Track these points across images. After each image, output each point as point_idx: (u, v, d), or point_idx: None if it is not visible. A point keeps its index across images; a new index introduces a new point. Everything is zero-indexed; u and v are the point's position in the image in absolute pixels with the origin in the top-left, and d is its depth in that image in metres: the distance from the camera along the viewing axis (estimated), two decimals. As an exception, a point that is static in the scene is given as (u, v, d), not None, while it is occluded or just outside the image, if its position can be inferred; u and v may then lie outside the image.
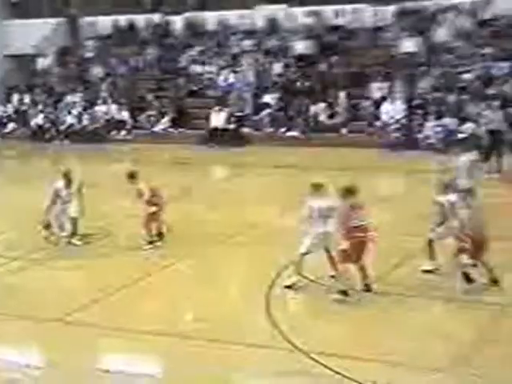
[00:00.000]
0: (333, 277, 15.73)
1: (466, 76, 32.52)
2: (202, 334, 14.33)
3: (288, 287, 16.00)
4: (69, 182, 19.20)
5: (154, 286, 17.19)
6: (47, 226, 19.39)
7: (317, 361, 12.77)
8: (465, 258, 15.74)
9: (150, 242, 18.95)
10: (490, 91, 31.51)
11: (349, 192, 15.56)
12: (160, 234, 19.21)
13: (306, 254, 15.85)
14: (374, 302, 15.38)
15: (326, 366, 12.55)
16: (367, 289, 15.60)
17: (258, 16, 38.07)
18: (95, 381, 12.74)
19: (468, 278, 15.46)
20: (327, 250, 15.77)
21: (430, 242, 16.52)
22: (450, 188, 16.62)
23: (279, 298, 15.73)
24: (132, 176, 18.91)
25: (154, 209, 18.68)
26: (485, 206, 16.60)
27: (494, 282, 15.60)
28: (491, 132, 28.24)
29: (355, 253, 15.39)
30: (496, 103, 29.71)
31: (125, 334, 14.43)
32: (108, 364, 13.61)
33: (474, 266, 15.85)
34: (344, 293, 15.15)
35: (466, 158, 20.84)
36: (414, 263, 17.02)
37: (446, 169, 20.79)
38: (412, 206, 21.37)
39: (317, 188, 16.09)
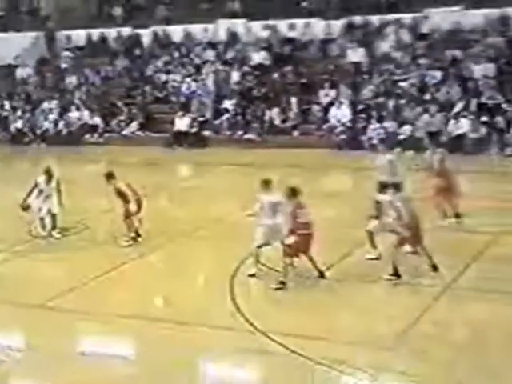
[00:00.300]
0: (291, 265, 15.96)
1: (404, 83, 32.75)
2: (170, 317, 14.62)
3: (251, 275, 16.24)
4: (49, 177, 19.33)
5: (127, 275, 17.34)
6: (26, 208, 19.49)
7: (274, 340, 13.04)
8: (407, 248, 16.16)
9: (133, 238, 18.93)
10: (425, 97, 31.90)
11: (293, 192, 15.76)
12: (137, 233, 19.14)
13: (261, 246, 16.13)
14: (326, 286, 15.68)
15: (282, 345, 12.84)
16: (321, 275, 15.94)
17: (220, 29, 38.03)
18: (72, 362, 12.82)
19: (397, 273, 15.71)
20: (282, 243, 15.89)
21: (370, 234, 16.82)
22: (388, 187, 16.86)
23: (241, 286, 15.90)
24: (109, 176, 18.89)
25: (135, 207, 18.64)
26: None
27: (434, 267, 15.98)
28: (430, 134, 28.67)
29: (303, 246, 15.67)
30: (434, 108, 30.23)
31: (100, 318, 14.63)
32: (84, 346, 13.82)
33: (415, 253, 16.26)
34: (282, 283, 15.51)
35: (388, 156, 20.89)
36: (360, 252, 17.22)
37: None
38: (357, 200, 21.33)
39: (266, 184, 16.33)
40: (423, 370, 12.00)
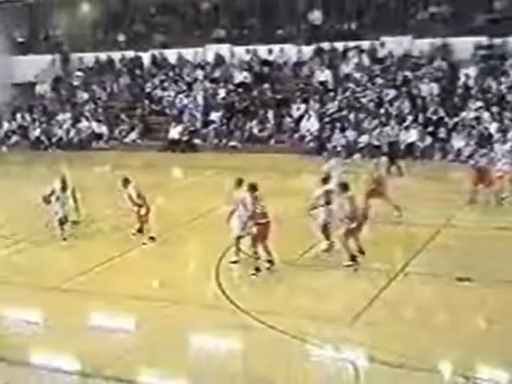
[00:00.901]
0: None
1: (363, 100, 32.78)
2: (166, 297, 14.71)
3: (233, 262, 16.27)
4: (64, 186, 18.91)
5: (129, 261, 17.39)
6: (48, 202, 18.95)
7: (253, 317, 13.18)
8: (350, 241, 16.07)
9: (151, 238, 18.52)
10: (381, 111, 31.97)
11: (253, 187, 15.79)
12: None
13: (239, 237, 16.12)
14: (297, 272, 15.70)
15: (261, 321, 13.00)
16: (271, 263, 15.81)
17: (208, 53, 37.93)
18: (82, 334, 12.91)
19: (354, 259, 15.83)
20: (248, 234, 15.90)
21: (324, 226, 16.81)
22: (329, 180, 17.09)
23: (226, 271, 15.93)
24: (126, 181, 18.48)
25: (144, 210, 18.36)
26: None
27: (362, 252, 16.17)
28: (390, 143, 28.63)
29: (263, 234, 15.67)
30: (393, 121, 30.21)
31: (105, 298, 14.69)
32: (92, 321, 13.86)
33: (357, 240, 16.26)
34: (257, 269, 15.52)
35: (334, 161, 21.08)
36: (325, 243, 17.07)
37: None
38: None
39: (238, 183, 16.46)
40: (379, 341, 12.11)
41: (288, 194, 21.60)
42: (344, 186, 16.21)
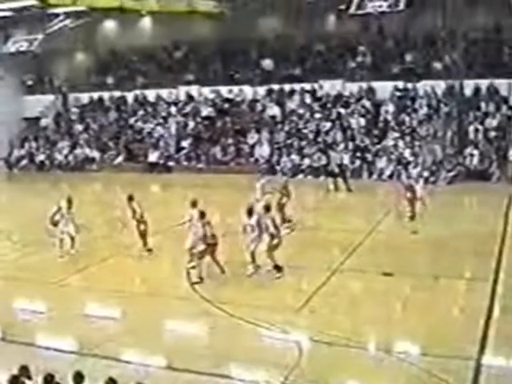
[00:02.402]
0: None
1: (305, 130, 32.82)
2: (145, 291, 14.73)
3: (192, 268, 15.46)
4: (70, 205, 17.52)
5: (117, 263, 17.13)
6: (55, 224, 17.42)
7: (218, 307, 13.15)
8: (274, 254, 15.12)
9: (149, 250, 17.44)
10: (319, 139, 32.03)
11: (202, 214, 15.12)
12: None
13: (191, 248, 15.36)
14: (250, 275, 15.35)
15: (222, 310, 12.98)
16: (222, 271, 15.07)
17: (180, 92, 37.75)
18: (77, 322, 12.79)
19: (278, 268, 15.01)
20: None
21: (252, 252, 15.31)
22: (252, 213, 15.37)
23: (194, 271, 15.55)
24: (130, 198, 17.26)
25: (143, 227, 17.25)
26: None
27: (278, 268, 15.05)
28: (339, 165, 28.52)
29: (210, 252, 14.99)
30: (341, 146, 30.23)
31: (98, 293, 14.50)
32: (85, 310, 13.60)
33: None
34: (201, 279, 14.74)
35: (262, 181, 20.36)
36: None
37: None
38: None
39: (193, 204, 15.85)
40: (319, 325, 12.11)
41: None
42: (267, 208, 15.43)
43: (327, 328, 11.89)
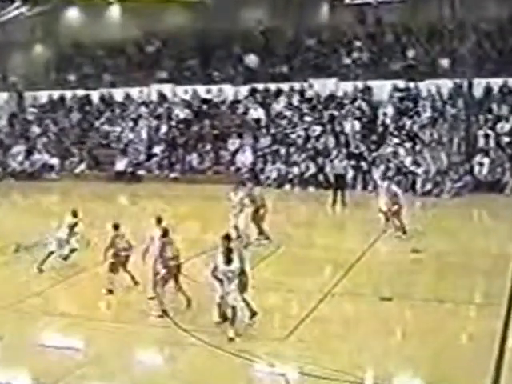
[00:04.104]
0: (152, 298, 14.64)
1: (293, 135, 32.81)
2: (109, 318, 14.54)
3: (150, 298, 14.94)
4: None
5: (80, 285, 16.87)
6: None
7: (193, 335, 12.98)
8: None
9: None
10: (308, 146, 31.98)
11: (165, 232, 14.72)
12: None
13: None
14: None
15: (197, 338, 12.85)
16: (189, 303, 14.41)
17: (152, 92, 37.68)
18: (31, 349, 12.51)
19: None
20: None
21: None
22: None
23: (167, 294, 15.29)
24: (116, 227, 16.36)
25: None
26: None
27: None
28: (336, 175, 28.23)
29: (171, 276, 14.44)
30: (341, 156, 29.75)
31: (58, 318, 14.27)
32: (42, 339, 13.33)
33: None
34: (164, 312, 14.07)
35: (242, 193, 20.26)
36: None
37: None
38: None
39: (158, 221, 15.56)
40: (308, 356, 11.95)
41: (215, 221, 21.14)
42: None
43: (317, 359, 11.74)
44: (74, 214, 18.03)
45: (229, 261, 13.00)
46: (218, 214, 20.38)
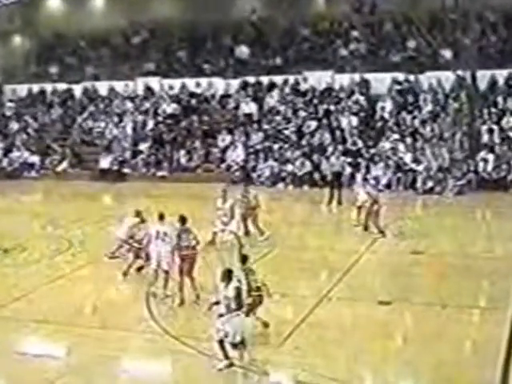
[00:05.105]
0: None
1: (286, 131, 32.79)
2: (96, 324, 14.36)
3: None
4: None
5: (62, 288, 16.83)
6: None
7: (183, 342, 12.98)
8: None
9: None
10: (303, 142, 31.98)
11: (182, 219, 15.32)
12: None
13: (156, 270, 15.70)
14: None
15: (188, 345, 12.80)
16: (197, 296, 14.99)
17: (138, 85, 37.62)
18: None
19: None
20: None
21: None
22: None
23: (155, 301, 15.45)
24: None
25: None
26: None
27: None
28: (334, 173, 28.17)
29: (187, 266, 15.05)
30: (337, 153, 29.81)
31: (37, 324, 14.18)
32: (21, 347, 13.29)
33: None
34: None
35: (231, 200, 20.22)
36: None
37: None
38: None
39: (160, 217, 15.87)
40: (304, 363, 11.96)
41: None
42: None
43: (314, 367, 11.73)
44: (137, 214, 17.98)
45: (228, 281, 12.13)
46: (207, 214, 20.33)
